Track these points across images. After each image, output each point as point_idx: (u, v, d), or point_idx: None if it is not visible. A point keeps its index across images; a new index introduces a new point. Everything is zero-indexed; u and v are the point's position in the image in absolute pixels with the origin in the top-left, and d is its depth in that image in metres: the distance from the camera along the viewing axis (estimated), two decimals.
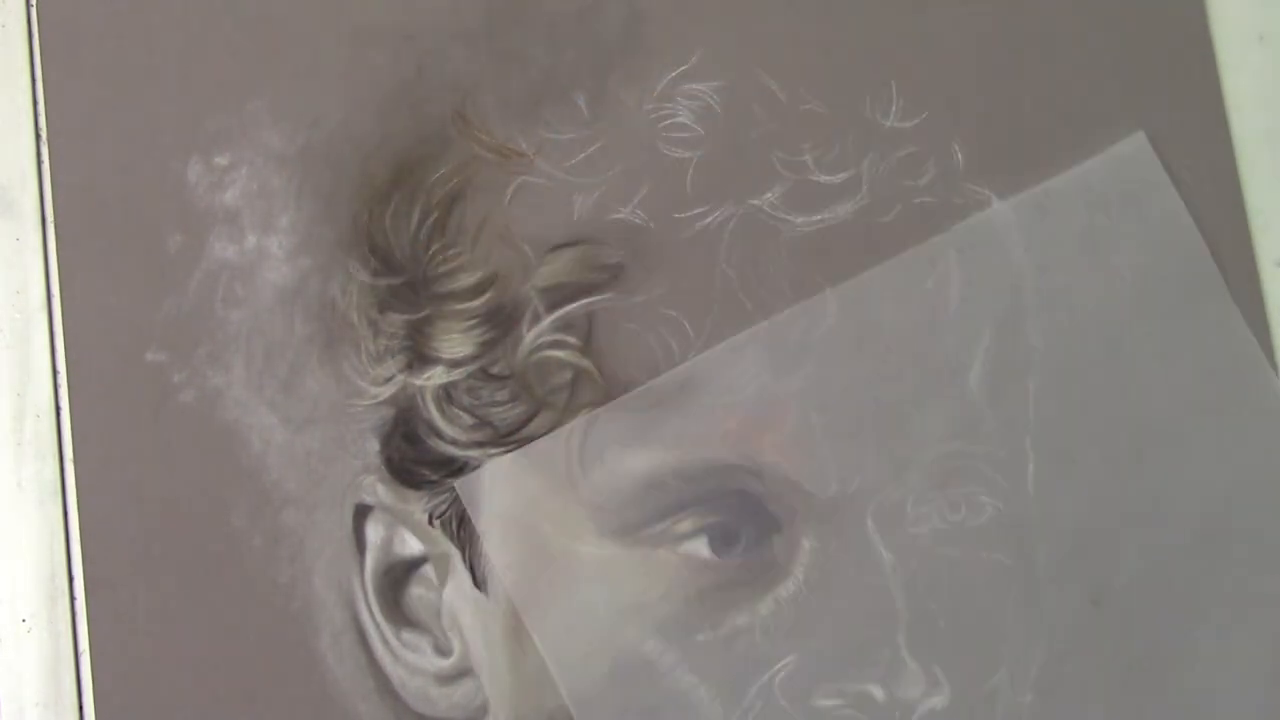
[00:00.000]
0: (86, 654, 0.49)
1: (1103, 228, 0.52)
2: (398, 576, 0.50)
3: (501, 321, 0.50)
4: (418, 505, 0.50)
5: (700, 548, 0.49)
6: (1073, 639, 0.50)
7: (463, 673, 0.49)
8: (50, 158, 0.51)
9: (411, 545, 0.50)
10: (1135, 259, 0.52)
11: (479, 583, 0.50)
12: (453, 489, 0.50)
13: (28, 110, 0.52)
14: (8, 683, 0.49)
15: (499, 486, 0.50)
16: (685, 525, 0.49)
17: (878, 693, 0.49)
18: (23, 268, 0.51)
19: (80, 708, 0.49)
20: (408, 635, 0.50)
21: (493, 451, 0.50)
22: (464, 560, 0.50)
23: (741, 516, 0.49)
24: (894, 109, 0.52)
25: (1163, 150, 0.53)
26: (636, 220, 0.51)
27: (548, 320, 0.50)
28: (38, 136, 0.52)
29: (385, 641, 0.49)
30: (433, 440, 0.50)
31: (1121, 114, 0.53)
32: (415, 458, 0.50)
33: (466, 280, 0.50)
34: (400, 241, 0.51)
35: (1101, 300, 0.52)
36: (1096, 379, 0.51)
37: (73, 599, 0.50)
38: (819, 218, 0.51)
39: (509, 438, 0.50)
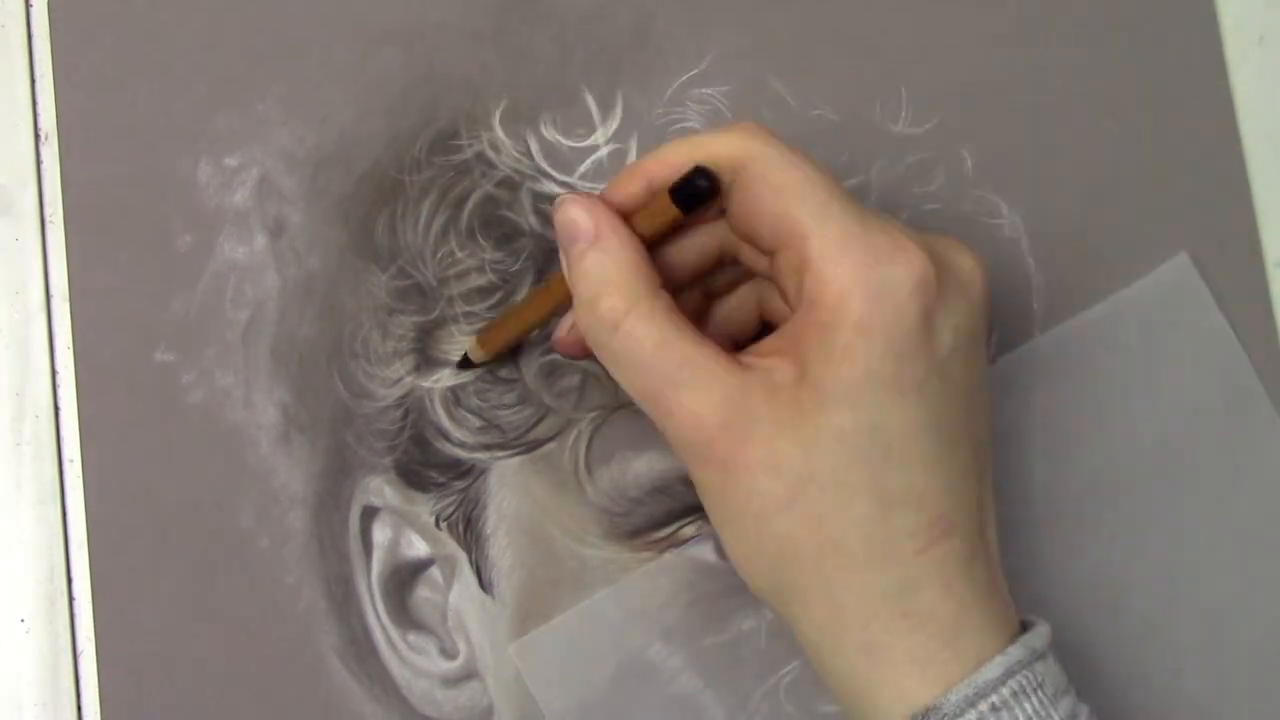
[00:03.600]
0: (85, 654, 0.49)
1: (1151, 352, 0.53)
2: (404, 578, 0.50)
3: None
4: (425, 507, 0.50)
5: (707, 552, 0.49)
6: (1084, 645, 0.50)
7: (468, 675, 0.49)
8: (60, 157, 0.51)
9: (418, 547, 0.50)
10: (1182, 380, 0.53)
11: (485, 585, 0.50)
12: (460, 491, 0.50)
13: (27, 110, 0.52)
14: (6, 683, 0.49)
15: (506, 489, 0.50)
16: (692, 529, 0.50)
17: None
18: (22, 268, 0.51)
19: (79, 708, 0.49)
20: (414, 637, 0.50)
21: (500, 454, 0.50)
22: (470, 563, 0.50)
23: None
24: (903, 115, 0.52)
25: (1171, 150, 0.53)
26: None
27: (556, 323, 0.50)
28: (37, 136, 0.52)
29: (391, 643, 0.49)
30: (440, 442, 0.50)
31: (1131, 114, 0.53)
32: (423, 460, 0.50)
33: (475, 282, 0.50)
34: (409, 243, 0.51)
35: (1150, 420, 0.52)
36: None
37: (71, 599, 0.49)
38: None
39: (517, 440, 0.50)
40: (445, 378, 0.50)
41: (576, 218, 0.42)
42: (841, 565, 0.39)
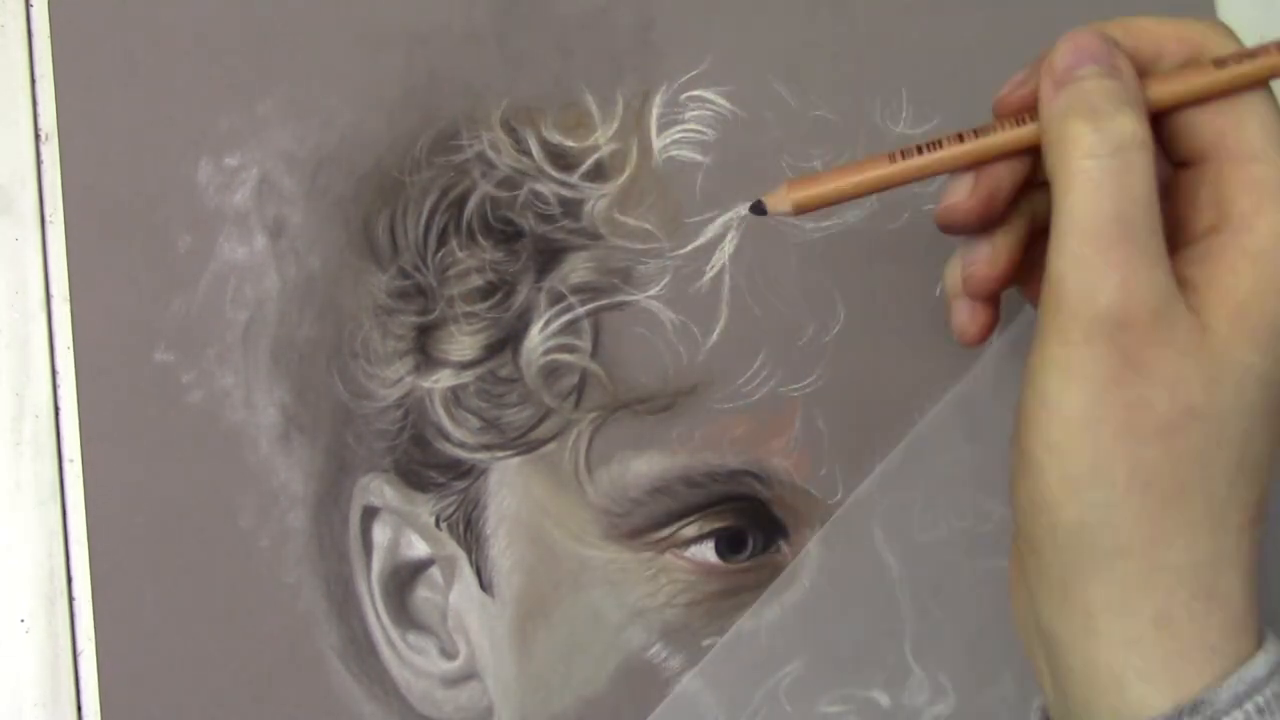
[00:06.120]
0: (85, 655, 0.49)
1: None
2: (404, 579, 0.50)
3: (510, 324, 0.50)
4: (425, 508, 0.50)
5: (707, 552, 0.49)
6: None
7: (468, 675, 0.49)
8: (61, 157, 0.51)
9: (418, 547, 0.50)
10: None
11: (485, 585, 0.50)
12: (460, 491, 0.50)
13: (27, 110, 0.52)
14: (6, 683, 0.49)
15: (506, 489, 0.50)
16: (692, 530, 0.49)
17: (883, 699, 0.49)
18: (22, 268, 0.51)
19: (79, 708, 0.49)
20: (413, 637, 0.50)
21: (500, 454, 0.50)
22: (470, 563, 0.50)
23: (748, 522, 0.50)
24: (904, 115, 0.52)
25: None
26: (646, 225, 0.51)
27: (556, 323, 0.50)
28: (37, 136, 0.52)
29: (391, 643, 0.49)
30: (441, 443, 0.50)
31: None
32: (423, 460, 0.50)
33: (475, 283, 0.51)
34: (410, 243, 0.51)
35: None
36: None
37: (71, 599, 0.49)
38: (828, 223, 0.51)
39: (517, 441, 0.50)
40: (445, 378, 0.50)
41: (1097, 46, 0.38)
42: (1180, 519, 0.35)
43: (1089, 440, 0.35)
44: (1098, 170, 0.36)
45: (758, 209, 0.43)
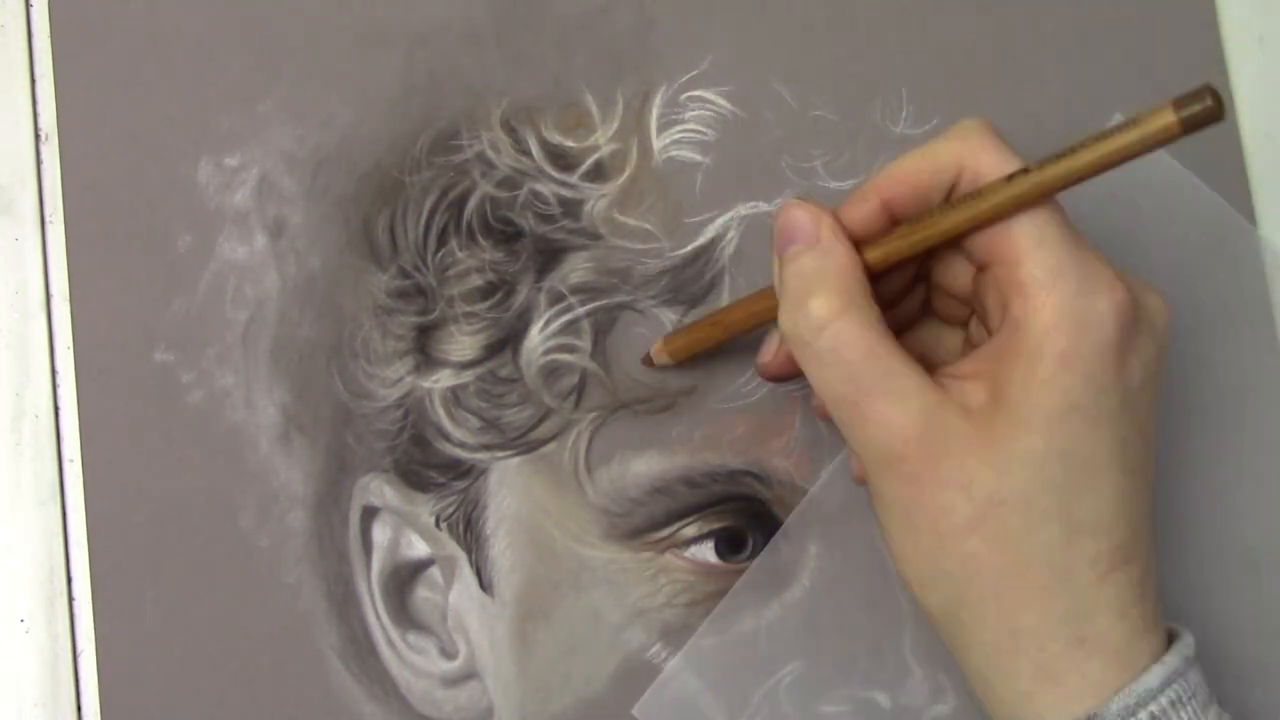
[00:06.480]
0: (85, 654, 0.49)
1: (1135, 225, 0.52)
2: (404, 579, 0.50)
3: (510, 324, 0.50)
4: (425, 508, 0.50)
5: (707, 552, 0.50)
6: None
7: (468, 675, 0.49)
8: (61, 158, 0.51)
9: (418, 547, 0.50)
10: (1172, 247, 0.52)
11: (485, 585, 0.50)
12: (460, 491, 0.50)
13: (27, 110, 0.52)
14: (6, 683, 0.49)
15: (506, 490, 0.50)
16: (692, 530, 0.50)
17: (883, 699, 0.49)
18: (22, 268, 0.51)
19: (79, 708, 0.49)
20: (413, 637, 0.50)
21: (500, 454, 0.50)
22: (470, 563, 0.50)
23: (748, 522, 0.50)
24: (904, 115, 0.52)
25: (1172, 151, 0.53)
26: (646, 225, 0.51)
27: (556, 324, 0.50)
28: (37, 136, 0.52)
29: (391, 643, 0.49)
30: (440, 443, 0.50)
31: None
32: (423, 460, 0.50)
33: (475, 282, 0.51)
34: (409, 243, 0.51)
35: None
36: None
37: (71, 599, 0.49)
38: None
39: (517, 440, 0.50)
40: (445, 378, 0.50)
41: (799, 219, 0.42)
42: (1023, 588, 0.39)
43: (916, 549, 0.41)
44: (812, 353, 0.40)
45: (647, 361, 0.50)
